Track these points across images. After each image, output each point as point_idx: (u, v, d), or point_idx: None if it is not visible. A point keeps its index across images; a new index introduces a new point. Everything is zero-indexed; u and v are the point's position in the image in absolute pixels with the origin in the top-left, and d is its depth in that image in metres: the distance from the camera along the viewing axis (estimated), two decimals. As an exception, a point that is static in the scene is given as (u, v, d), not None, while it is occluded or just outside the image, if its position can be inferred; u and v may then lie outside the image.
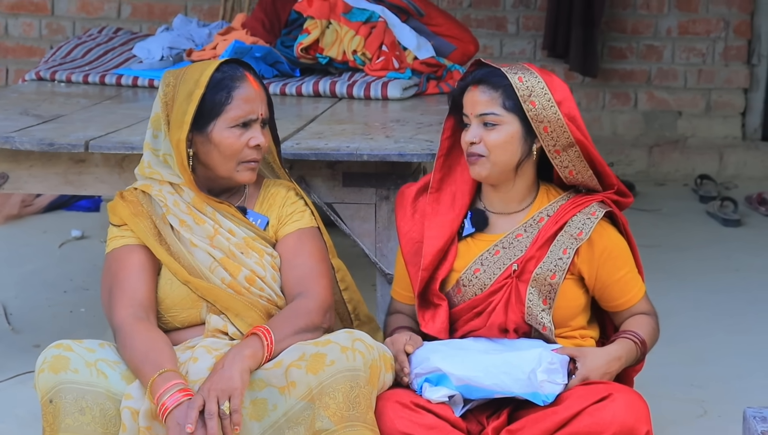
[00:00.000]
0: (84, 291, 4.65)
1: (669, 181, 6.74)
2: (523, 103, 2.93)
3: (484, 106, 2.95)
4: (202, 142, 2.97)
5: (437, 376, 2.88)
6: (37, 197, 5.78)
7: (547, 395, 2.83)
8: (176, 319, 2.96)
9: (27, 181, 3.56)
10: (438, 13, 4.95)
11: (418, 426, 2.80)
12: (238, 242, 2.97)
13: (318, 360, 2.74)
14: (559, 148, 2.96)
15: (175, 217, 2.97)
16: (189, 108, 2.93)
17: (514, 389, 2.83)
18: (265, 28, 4.85)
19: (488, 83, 2.96)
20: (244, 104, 2.96)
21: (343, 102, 4.35)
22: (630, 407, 2.80)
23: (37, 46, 6.94)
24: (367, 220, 3.43)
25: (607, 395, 2.80)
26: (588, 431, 2.78)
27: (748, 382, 3.79)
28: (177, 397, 2.70)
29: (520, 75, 2.95)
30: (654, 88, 6.89)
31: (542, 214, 3.01)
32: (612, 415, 2.77)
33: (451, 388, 2.87)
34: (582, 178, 3.01)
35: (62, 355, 2.77)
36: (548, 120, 2.93)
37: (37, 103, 4.16)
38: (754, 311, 4.53)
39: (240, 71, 2.98)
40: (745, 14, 6.84)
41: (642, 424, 2.80)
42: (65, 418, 2.74)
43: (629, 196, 3.07)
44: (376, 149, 3.38)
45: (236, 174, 2.98)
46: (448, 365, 2.88)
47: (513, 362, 2.86)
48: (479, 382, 2.86)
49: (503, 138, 2.95)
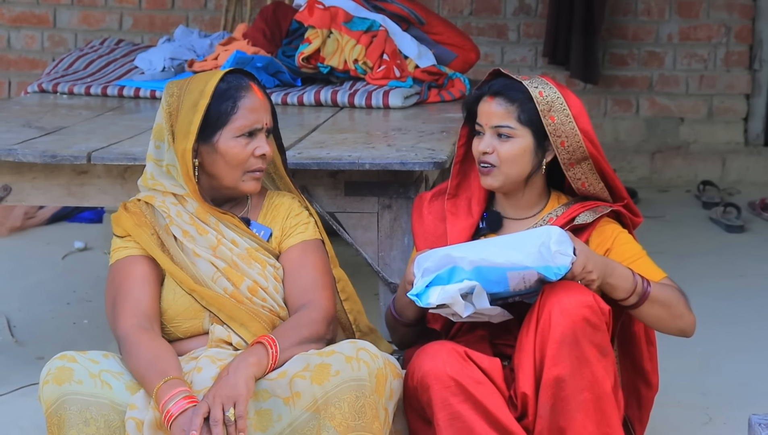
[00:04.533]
0: (87, 302, 4.65)
1: (672, 187, 6.73)
2: (543, 118, 2.95)
3: (499, 118, 2.97)
4: (208, 152, 2.98)
5: (449, 271, 2.84)
6: (40, 209, 5.79)
7: (559, 267, 2.81)
8: (179, 330, 2.96)
9: (30, 193, 3.57)
10: (439, 21, 4.96)
11: (467, 377, 2.82)
12: (241, 253, 2.98)
13: (323, 370, 2.74)
14: (573, 161, 2.99)
15: (178, 228, 2.97)
16: (195, 118, 2.94)
17: (527, 262, 2.82)
18: (267, 38, 4.85)
19: (505, 96, 2.98)
20: (250, 114, 2.97)
21: (345, 111, 4.35)
22: (563, 285, 2.82)
23: (40, 59, 6.95)
24: (369, 229, 3.43)
25: (540, 293, 2.85)
26: (548, 328, 2.80)
27: (753, 389, 3.79)
28: (182, 404, 2.70)
29: (541, 89, 2.97)
30: (656, 94, 6.89)
31: (551, 214, 3.04)
32: (557, 299, 2.80)
33: (464, 277, 2.82)
34: (594, 190, 3.04)
35: (66, 366, 2.78)
36: (566, 135, 2.96)
37: (39, 115, 4.17)
38: (759, 317, 4.52)
39: (245, 81, 3.00)
40: (747, 19, 6.84)
41: (582, 289, 2.83)
42: (70, 429, 2.75)
43: (639, 216, 3.09)
44: (377, 158, 3.38)
45: (241, 184, 2.99)
46: (456, 251, 2.86)
47: (522, 239, 2.86)
48: (492, 260, 2.82)
49: (516, 151, 2.97)
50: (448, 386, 2.80)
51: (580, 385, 2.82)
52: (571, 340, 2.81)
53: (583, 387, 2.82)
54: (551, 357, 2.81)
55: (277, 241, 3.04)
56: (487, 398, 2.82)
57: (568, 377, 2.82)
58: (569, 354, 2.81)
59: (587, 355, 2.82)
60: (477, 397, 2.82)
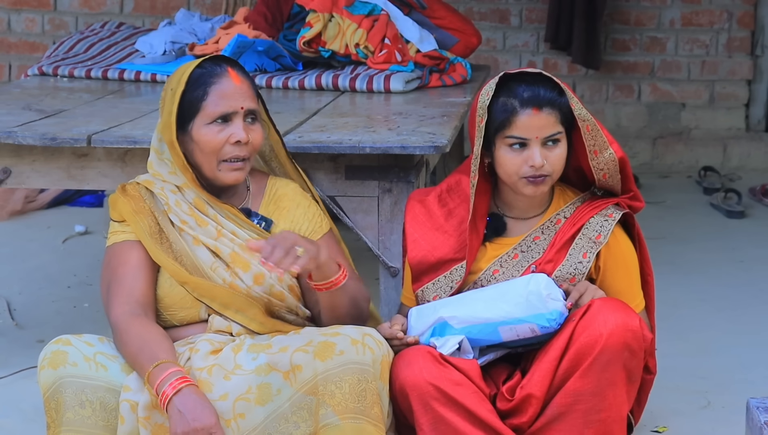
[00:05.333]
0: (87, 286, 4.65)
1: (673, 173, 6.73)
2: (574, 104, 2.91)
3: (551, 128, 2.92)
4: (186, 142, 2.93)
5: (440, 326, 2.88)
6: (41, 193, 5.79)
7: (551, 312, 2.83)
8: (175, 318, 2.95)
9: (30, 175, 3.56)
10: (441, 5, 4.95)
11: (445, 380, 2.82)
12: (242, 244, 2.95)
13: (327, 348, 2.74)
14: (597, 148, 2.96)
15: (177, 217, 2.95)
16: (173, 108, 2.90)
17: (516, 314, 2.84)
18: (268, 22, 4.85)
19: (551, 105, 2.91)
20: (220, 99, 2.89)
21: (346, 95, 4.35)
22: (613, 304, 2.85)
23: (40, 42, 6.94)
24: (369, 213, 3.43)
25: (587, 307, 2.85)
26: (588, 342, 2.81)
27: (752, 373, 3.79)
28: (176, 384, 2.70)
29: (556, 78, 2.94)
30: (657, 80, 6.87)
31: (559, 215, 3.01)
32: (603, 316, 2.81)
33: (455, 333, 2.86)
34: (612, 182, 3.02)
35: (61, 350, 2.78)
36: (586, 118, 2.93)
37: (39, 98, 4.17)
38: (759, 302, 4.52)
39: (221, 67, 2.92)
40: (749, 5, 6.82)
41: (630, 312, 2.85)
42: (66, 412, 2.75)
43: (641, 201, 3.08)
44: (378, 142, 3.37)
45: (219, 174, 2.92)
46: (445, 310, 2.89)
47: (507, 289, 2.88)
48: (480, 316, 2.86)
49: (564, 153, 2.96)
50: (428, 391, 2.81)
51: (600, 406, 2.84)
52: (606, 359, 2.82)
53: (601, 408, 2.84)
54: (582, 369, 2.82)
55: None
56: (467, 398, 2.83)
57: (590, 394, 2.83)
58: (600, 373, 2.82)
59: (616, 379, 2.83)
60: (457, 399, 2.83)
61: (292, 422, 2.75)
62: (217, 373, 2.78)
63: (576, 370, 2.83)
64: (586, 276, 2.97)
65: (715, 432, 3.38)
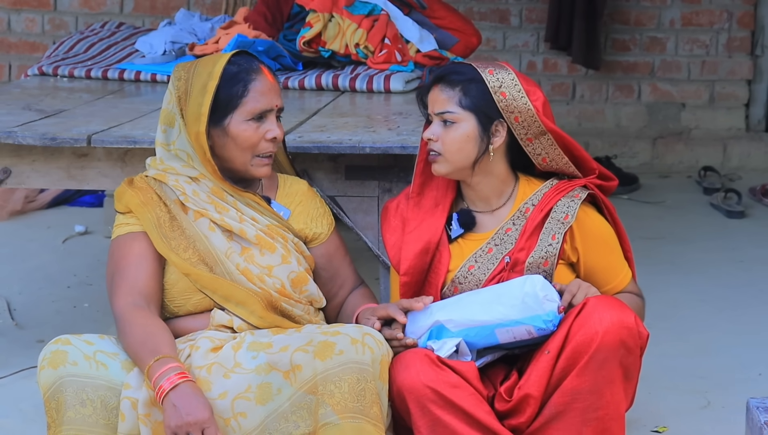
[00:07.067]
0: (87, 286, 4.66)
1: (673, 173, 6.73)
2: (494, 95, 2.96)
3: (441, 104, 3.00)
4: (219, 136, 2.98)
5: (437, 329, 2.89)
6: (41, 193, 5.79)
7: (548, 314, 2.84)
8: (182, 309, 2.97)
9: (30, 175, 3.56)
10: (441, 5, 4.95)
11: (442, 382, 2.83)
12: (263, 229, 3.00)
13: (326, 347, 2.75)
14: (531, 136, 2.99)
15: (195, 205, 2.98)
16: (204, 100, 2.94)
17: (513, 315, 2.85)
18: (268, 22, 4.85)
19: (446, 81, 3.00)
20: (261, 97, 2.98)
21: (346, 95, 4.35)
22: (608, 302, 2.86)
23: (40, 42, 6.95)
24: (369, 213, 3.43)
25: (582, 305, 2.86)
26: (584, 341, 2.82)
27: (752, 373, 3.79)
28: (174, 380, 2.70)
29: (491, 69, 2.99)
30: (657, 80, 6.88)
31: (527, 204, 3.03)
32: (599, 315, 2.83)
33: (451, 335, 2.87)
34: (557, 165, 3.04)
35: (60, 349, 2.78)
36: (519, 110, 2.96)
37: (39, 98, 4.17)
38: (759, 302, 4.52)
39: (255, 64, 3.01)
40: (749, 5, 6.82)
41: (625, 310, 2.85)
42: (67, 411, 2.75)
43: (613, 178, 3.11)
44: (378, 142, 3.38)
45: (251, 168, 3.01)
46: (441, 313, 2.89)
47: (502, 291, 2.89)
48: (476, 319, 2.86)
49: (458, 136, 2.98)
50: (425, 394, 2.82)
51: (598, 404, 2.84)
52: (602, 357, 2.82)
53: (599, 406, 2.84)
54: (578, 367, 2.83)
55: (299, 227, 3.06)
56: (464, 401, 2.84)
57: (587, 392, 2.84)
58: (597, 371, 2.83)
59: (613, 377, 2.84)
60: (455, 401, 2.83)
61: (292, 421, 2.75)
62: (217, 372, 2.79)
63: (573, 369, 2.84)
64: (566, 260, 2.99)
65: (715, 432, 3.38)
